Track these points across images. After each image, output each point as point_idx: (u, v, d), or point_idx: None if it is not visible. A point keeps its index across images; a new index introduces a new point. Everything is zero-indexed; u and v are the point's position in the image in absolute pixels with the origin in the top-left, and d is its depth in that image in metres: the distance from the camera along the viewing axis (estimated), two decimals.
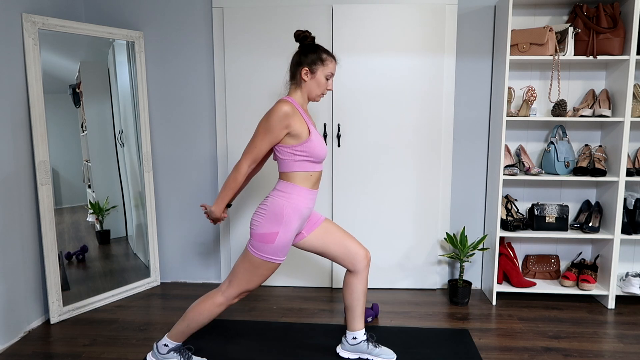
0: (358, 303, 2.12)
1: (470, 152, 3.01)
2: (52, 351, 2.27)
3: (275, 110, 1.82)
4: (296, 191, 1.90)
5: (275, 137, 1.84)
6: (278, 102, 1.86)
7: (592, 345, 2.33)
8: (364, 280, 2.11)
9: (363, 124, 2.94)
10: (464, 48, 2.92)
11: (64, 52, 2.64)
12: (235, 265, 1.96)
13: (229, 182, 1.89)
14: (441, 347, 2.29)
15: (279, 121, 1.81)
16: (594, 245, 3.00)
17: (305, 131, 1.87)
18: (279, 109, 1.82)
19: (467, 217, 3.07)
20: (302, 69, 1.91)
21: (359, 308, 2.13)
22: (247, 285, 1.94)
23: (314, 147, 1.88)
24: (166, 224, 3.18)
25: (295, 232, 1.92)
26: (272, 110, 1.83)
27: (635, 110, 2.69)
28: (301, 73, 1.91)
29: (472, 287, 3.07)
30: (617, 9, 2.63)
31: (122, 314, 2.70)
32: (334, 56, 1.95)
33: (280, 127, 1.82)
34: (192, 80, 3.04)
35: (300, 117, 1.87)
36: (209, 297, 1.97)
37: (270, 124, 1.82)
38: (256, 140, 1.85)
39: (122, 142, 2.94)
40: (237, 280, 1.94)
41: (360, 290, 2.11)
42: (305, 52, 1.92)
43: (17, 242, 2.40)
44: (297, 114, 1.85)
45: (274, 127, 1.82)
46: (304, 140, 1.86)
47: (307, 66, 1.90)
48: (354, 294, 2.11)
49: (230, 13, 2.91)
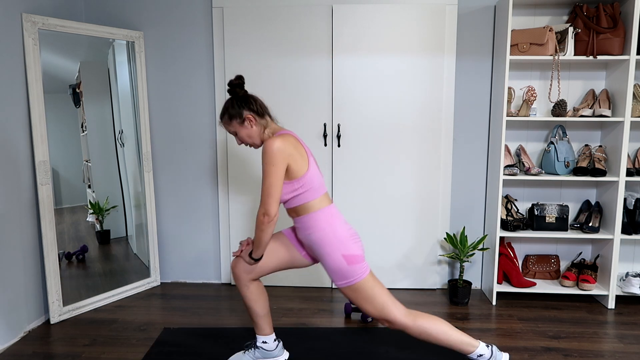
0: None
1: (470, 152, 3.01)
2: (52, 351, 2.27)
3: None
4: (322, 218, 1.88)
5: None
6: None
7: (592, 345, 2.33)
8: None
9: (363, 124, 2.94)
10: (464, 48, 2.92)
11: (64, 52, 2.64)
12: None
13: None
14: (441, 347, 2.28)
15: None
16: (594, 245, 3.00)
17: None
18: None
19: (467, 217, 3.07)
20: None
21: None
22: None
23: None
24: (166, 224, 3.18)
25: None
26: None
27: (635, 110, 2.69)
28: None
29: (472, 287, 3.07)
30: (617, 9, 2.63)
31: (122, 314, 2.70)
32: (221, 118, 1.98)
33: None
34: (192, 80, 3.04)
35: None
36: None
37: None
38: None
39: (122, 142, 2.94)
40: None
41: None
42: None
43: (17, 242, 2.40)
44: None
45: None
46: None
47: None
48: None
49: (230, 13, 2.91)
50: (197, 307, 2.80)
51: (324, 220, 1.87)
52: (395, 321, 1.89)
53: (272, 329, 2.10)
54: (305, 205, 1.87)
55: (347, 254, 1.85)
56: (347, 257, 1.84)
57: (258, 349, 2.08)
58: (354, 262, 1.85)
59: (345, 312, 2.66)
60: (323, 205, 1.89)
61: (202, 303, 2.86)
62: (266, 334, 2.08)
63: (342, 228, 1.88)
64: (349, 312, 2.65)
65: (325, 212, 1.88)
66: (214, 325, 2.56)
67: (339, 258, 1.85)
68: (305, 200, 1.87)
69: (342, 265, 1.85)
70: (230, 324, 2.57)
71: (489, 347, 1.92)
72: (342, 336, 2.41)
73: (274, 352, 2.09)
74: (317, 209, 1.87)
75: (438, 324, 1.89)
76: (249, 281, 2.02)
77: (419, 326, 1.88)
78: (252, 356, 2.08)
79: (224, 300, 2.91)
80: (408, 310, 1.91)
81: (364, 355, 2.22)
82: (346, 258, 1.84)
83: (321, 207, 1.88)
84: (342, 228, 1.88)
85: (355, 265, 1.85)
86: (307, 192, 1.86)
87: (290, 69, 2.93)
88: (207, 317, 2.66)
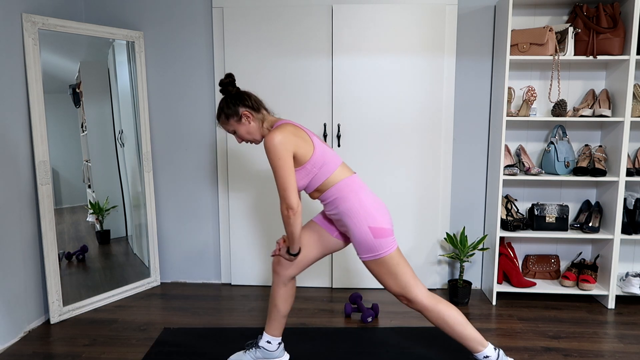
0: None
1: (470, 152, 3.01)
2: (52, 351, 2.27)
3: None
4: (347, 188, 1.86)
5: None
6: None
7: (592, 345, 2.33)
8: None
9: (363, 124, 2.94)
10: (464, 48, 2.92)
11: (64, 52, 2.64)
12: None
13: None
14: (441, 347, 2.28)
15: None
16: (594, 245, 3.00)
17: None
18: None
19: (467, 217, 3.07)
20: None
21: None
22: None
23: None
24: (166, 224, 3.18)
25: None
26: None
27: (635, 110, 2.69)
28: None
29: (472, 287, 3.07)
30: (617, 9, 2.63)
31: (122, 314, 2.70)
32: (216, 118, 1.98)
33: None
34: (192, 80, 3.04)
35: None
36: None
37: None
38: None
39: (122, 142, 2.94)
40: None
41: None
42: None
43: (17, 242, 2.40)
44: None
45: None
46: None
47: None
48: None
49: (230, 13, 2.91)
50: (197, 307, 2.80)
51: (347, 190, 1.85)
52: (416, 300, 1.87)
53: (281, 333, 2.10)
54: (326, 182, 1.87)
55: (374, 226, 1.82)
56: (374, 229, 1.81)
57: (259, 349, 2.08)
58: (381, 235, 1.82)
59: (346, 312, 2.66)
60: (344, 175, 1.88)
61: (202, 303, 2.87)
62: (275, 335, 2.08)
63: (367, 198, 1.85)
64: (349, 313, 2.65)
65: (348, 182, 1.87)
66: (214, 325, 2.56)
67: (365, 229, 1.82)
68: (323, 178, 1.86)
69: (368, 238, 1.82)
70: (230, 324, 2.57)
71: (496, 350, 1.92)
72: (342, 336, 2.41)
73: (274, 352, 2.09)
74: (338, 180, 1.87)
75: (457, 315, 1.88)
76: (289, 279, 2.03)
77: (439, 311, 1.87)
78: (252, 356, 2.08)
79: (224, 300, 2.91)
80: (430, 293, 1.90)
81: (364, 355, 2.22)
82: (372, 230, 1.81)
83: (342, 177, 1.88)
84: (367, 198, 1.85)
85: (381, 239, 1.82)
86: (322, 169, 1.85)
87: (290, 69, 2.93)
88: (207, 317, 2.66)
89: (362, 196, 1.85)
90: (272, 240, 3.11)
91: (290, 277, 2.03)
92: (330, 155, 1.89)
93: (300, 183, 1.87)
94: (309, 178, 1.86)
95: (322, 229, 2.03)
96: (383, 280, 1.89)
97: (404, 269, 1.86)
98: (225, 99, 1.93)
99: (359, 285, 3.11)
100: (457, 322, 1.87)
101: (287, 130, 1.81)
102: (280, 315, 2.06)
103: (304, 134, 1.86)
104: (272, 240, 3.11)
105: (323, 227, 2.03)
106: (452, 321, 1.87)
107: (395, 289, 1.88)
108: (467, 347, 1.90)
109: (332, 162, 1.88)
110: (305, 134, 1.86)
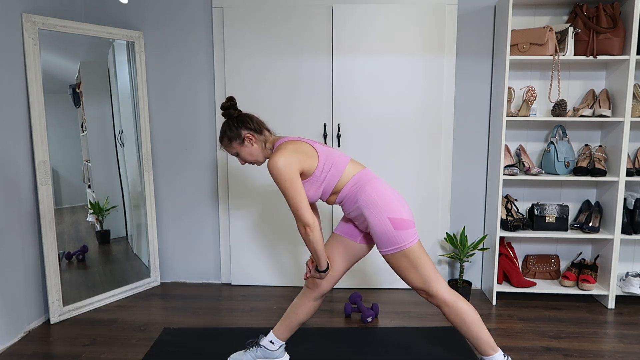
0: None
1: (470, 152, 3.01)
2: (52, 351, 2.27)
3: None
4: (362, 180, 1.86)
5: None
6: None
7: (592, 345, 2.33)
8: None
9: (363, 123, 2.94)
10: (464, 48, 2.92)
11: (64, 52, 2.64)
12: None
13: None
14: (441, 347, 2.29)
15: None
16: (594, 245, 3.00)
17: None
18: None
19: (467, 217, 3.07)
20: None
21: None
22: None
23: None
24: (166, 224, 3.18)
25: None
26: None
27: (635, 110, 2.69)
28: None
29: (472, 287, 3.07)
30: (617, 9, 2.63)
31: (122, 314, 2.70)
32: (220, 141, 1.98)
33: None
34: (192, 80, 3.04)
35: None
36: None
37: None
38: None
39: (122, 142, 2.94)
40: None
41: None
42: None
43: (17, 242, 2.40)
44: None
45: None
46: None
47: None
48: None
49: (230, 13, 2.91)
50: (197, 307, 2.80)
51: (362, 182, 1.85)
52: (437, 295, 1.86)
53: (287, 339, 2.11)
54: (339, 181, 1.86)
55: (394, 217, 1.79)
56: (394, 220, 1.79)
57: (260, 348, 2.08)
58: (401, 227, 1.79)
59: (346, 312, 2.66)
60: (356, 170, 1.88)
61: (202, 303, 2.87)
62: (281, 339, 2.08)
63: (384, 189, 1.84)
64: (349, 313, 2.65)
65: (362, 174, 1.87)
66: (214, 325, 2.56)
67: (385, 221, 1.79)
68: (336, 178, 1.86)
69: (388, 229, 1.79)
70: (230, 324, 2.57)
71: (506, 357, 1.92)
72: (342, 336, 2.41)
73: (275, 352, 2.09)
74: (352, 175, 1.86)
75: (475, 315, 1.87)
76: (321, 295, 2.03)
77: (459, 308, 1.86)
78: (253, 355, 2.08)
79: (224, 300, 2.91)
80: (452, 289, 1.89)
81: (364, 355, 2.22)
82: (392, 222, 1.79)
83: (355, 172, 1.87)
84: (384, 189, 1.84)
85: (402, 230, 1.79)
86: (331, 170, 1.85)
87: (290, 69, 2.93)
88: (207, 317, 2.66)
89: (377, 186, 1.84)
90: (272, 239, 3.11)
91: (324, 293, 2.03)
92: (338, 156, 1.89)
93: (315, 193, 1.86)
94: (322, 184, 1.86)
95: (344, 239, 2.01)
96: (404, 275, 1.87)
97: (426, 262, 1.84)
98: (228, 122, 1.93)
99: (359, 285, 3.11)
100: (474, 322, 1.86)
101: (287, 150, 1.79)
102: (295, 325, 2.06)
103: (305, 146, 1.85)
104: (272, 239, 3.11)
105: (345, 237, 2.01)
106: (470, 320, 1.86)
107: (416, 283, 1.87)
108: (479, 349, 1.91)
109: (341, 161, 1.88)
110: (306, 145, 1.86)
